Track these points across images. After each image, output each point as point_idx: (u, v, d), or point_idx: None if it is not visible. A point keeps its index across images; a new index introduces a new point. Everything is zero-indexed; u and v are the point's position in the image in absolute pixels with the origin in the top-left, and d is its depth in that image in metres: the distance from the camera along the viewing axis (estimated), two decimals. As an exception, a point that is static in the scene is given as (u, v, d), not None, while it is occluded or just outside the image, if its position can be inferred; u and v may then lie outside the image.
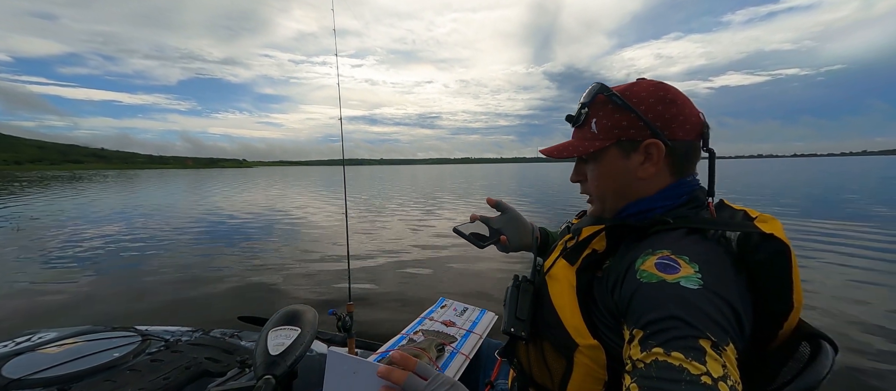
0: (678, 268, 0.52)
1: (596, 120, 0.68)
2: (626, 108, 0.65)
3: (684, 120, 0.64)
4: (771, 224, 0.56)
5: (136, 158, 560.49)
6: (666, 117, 0.64)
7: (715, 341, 0.45)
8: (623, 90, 0.67)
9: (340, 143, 2.38)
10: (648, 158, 0.65)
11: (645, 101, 0.64)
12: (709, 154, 0.67)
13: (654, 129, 0.63)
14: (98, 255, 5.76)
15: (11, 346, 1.23)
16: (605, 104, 0.67)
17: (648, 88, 0.65)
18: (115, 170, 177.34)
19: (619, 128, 0.65)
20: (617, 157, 0.67)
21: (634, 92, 0.66)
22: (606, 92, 0.67)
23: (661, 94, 0.65)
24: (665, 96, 0.64)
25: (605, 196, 0.71)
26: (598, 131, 0.68)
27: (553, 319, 0.66)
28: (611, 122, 0.66)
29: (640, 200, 0.67)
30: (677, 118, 0.64)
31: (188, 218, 9.88)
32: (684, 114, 0.64)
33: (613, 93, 0.66)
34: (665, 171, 0.66)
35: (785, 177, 26.07)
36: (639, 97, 0.65)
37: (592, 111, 0.69)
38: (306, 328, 0.87)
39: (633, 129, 0.64)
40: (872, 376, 2.39)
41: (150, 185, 26.91)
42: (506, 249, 0.88)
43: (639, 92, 0.65)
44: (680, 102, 0.65)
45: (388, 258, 5.53)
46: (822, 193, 13.59)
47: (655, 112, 0.64)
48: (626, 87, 0.67)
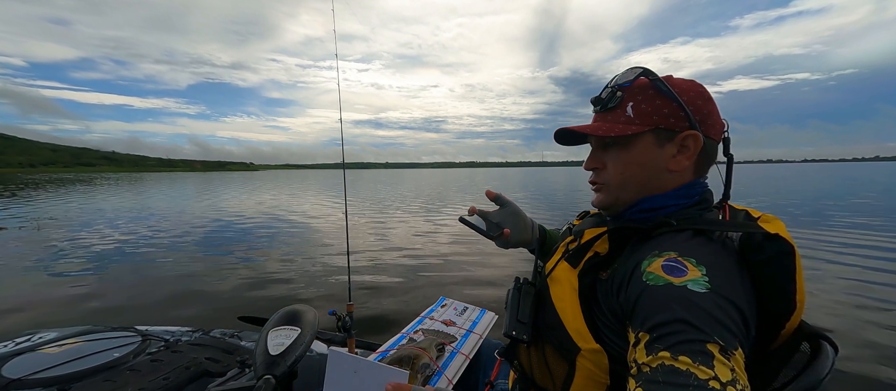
0: (685, 271, 0.51)
1: (633, 103, 0.65)
2: (669, 95, 0.63)
3: (715, 120, 0.65)
4: (774, 224, 0.56)
5: (147, 161, 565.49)
6: (704, 112, 0.64)
7: (723, 345, 0.44)
8: (665, 79, 0.65)
9: (341, 146, 2.38)
10: (683, 151, 0.64)
11: (686, 92, 0.64)
12: (728, 159, 0.67)
13: (693, 121, 0.62)
14: (101, 255, 5.77)
15: (11, 346, 1.23)
16: (647, 89, 0.65)
17: (686, 82, 0.65)
18: (127, 173, 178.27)
19: (659, 114, 0.63)
20: (651, 145, 0.65)
21: (674, 82, 0.64)
22: (651, 75, 0.65)
23: (700, 89, 0.64)
24: (704, 93, 0.64)
25: (626, 185, 0.68)
26: (635, 115, 0.64)
27: (555, 322, 0.66)
28: (651, 108, 0.64)
29: (656, 196, 0.66)
30: (712, 116, 0.64)
31: (190, 218, 9.89)
32: (716, 114, 0.65)
33: (658, 77, 0.64)
34: (692, 167, 0.65)
35: (803, 182, 25.29)
36: (680, 88, 0.64)
37: (629, 94, 0.66)
38: (306, 328, 0.87)
39: (673, 117, 0.63)
40: (875, 377, 2.38)
41: (158, 188, 26.96)
42: (506, 244, 0.87)
43: (678, 83, 0.64)
44: (713, 102, 0.65)
45: (389, 258, 5.53)
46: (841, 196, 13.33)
47: (696, 105, 0.63)
48: (665, 76, 0.66)
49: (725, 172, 0.67)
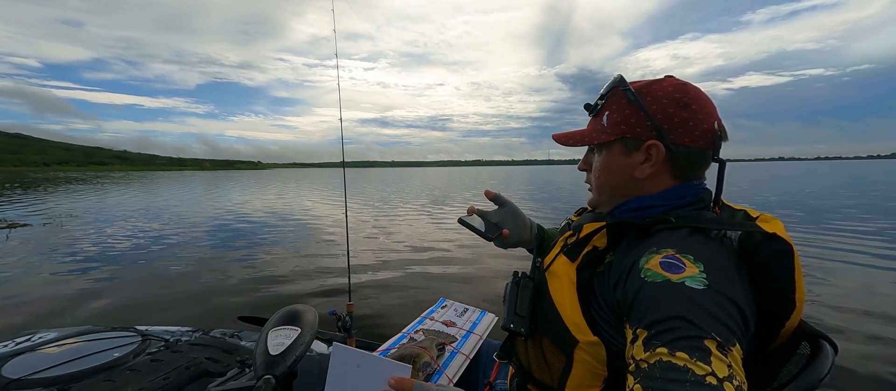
0: (683, 268, 0.52)
1: (608, 112, 0.68)
2: (637, 105, 0.65)
3: (694, 126, 0.63)
4: (773, 224, 0.56)
5: (157, 160, 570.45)
6: (675, 121, 0.63)
7: (720, 341, 0.45)
8: (642, 87, 0.66)
9: (340, 146, 2.39)
10: (647, 159, 0.65)
11: (659, 100, 0.64)
12: (719, 164, 0.66)
13: (660, 130, 0.63)
14: (105, 255, 5.76)
15: (11, 346, 1.23)
16: (620, 98, 0.67)
17: (668, 89, 0.64)
18: (138, 171, 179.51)
19: (626, 124, 0.66)
20: (619, 153, 0.67)
21: (652, 90, 0.65)
22: (623, 86, 0.67)
23: (678, 97, 0.63)
24: (681, 100, 0.63)
25: (603, 189, 0.72)
26: (607, 124, 0.68)
27: (553, 315, 0.66)
28: (620, 117, 0.66)
29: (643, 197, 0.67)
30: (687, 123, 0.63)
31: (193, 218, 9.87)
32: (696, 120, 0.63)
33: (629, 88, 0.66)
34: (666, 174, 0.66)
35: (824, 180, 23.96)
36: (654, 96, 0.64)
37: (607, 103, 0.69)
38: (306, 328, 0.87)
39: (639, 127, 0.64)
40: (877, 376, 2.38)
41: (168, 187, 27.00)
42: (505, 245, 0.87)
43: (656, 90, 0.65)
44: (695, 108, 0.63)
45: (389, 258, 5.53)
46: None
47: (665, 113, 0.63)
48: (646, 83, 0.67)
49: (717, 177, 0.67)
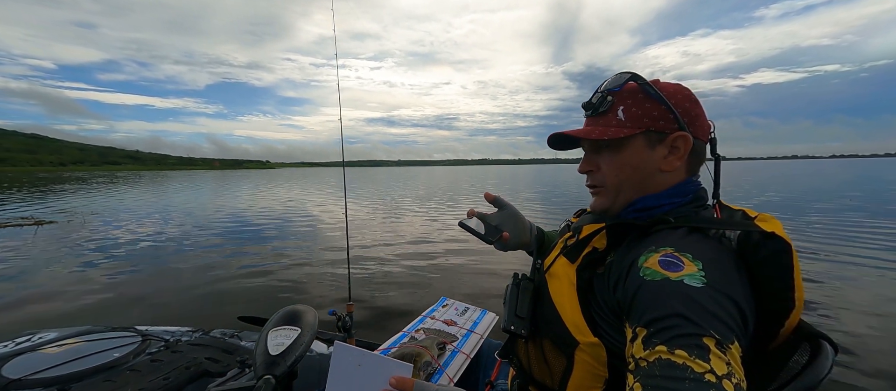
0: (682, 266, 0.52)
1: (624, 107, 0.67)
2: (658, 98, 0.65)
3: (702, 121, 0.67)
4: (771, 223, 0.56)
5: (168, 160, 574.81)
6: (692, 115, 0.66)
7: (719, 339, 0.45)
8: (653, 83, 0.67)
9: (341, 146, 2.39)
10: (674, 151, 0.65)
11: (674, 95, 0.66)
12: (715, 160, 0.69)
13: (682, 123, 0.64)
14: (111, 255, 5.77)
15: (11, 346, 1.23)
16: (636, 93, 0.67)
17: (673, 86, 0.67)
18: (150, 171, 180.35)
19: (649, 117, 0.65)
20: (642, 147, 0.67)
21: (661, 86, 0.66)
22: (639, 80, 0.67)
23: (687, 93, 0.67)
24: (690, 95, 0.67)
25: (621, 187, 0.69)
26: (626, 119, 0.66)
27: (553, 317, 0.66)
28: (641, 111, 0.66)
29: (649, 196, 0.68)
30: (700, 118, 0.66)
31: (195, 219, 9.86)
32: (702, 116, 0.67)
33: (647, 82, 0.66)
34: (684, 167, 0.67)
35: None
36: (667, 91, 0.66)
37: (619, 99, 0.68)
38: (306, 328, 0.87)
39: (662, 120, 0.65)
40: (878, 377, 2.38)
41: (178, 186, 27.12)
42: (505, 247, 0.87)
43: (665, 86, 0.67)
44: (700, 104, 0.67)
45: (390, 258, 5.53)
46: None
47: (684, 108, 0.65)
48: (652, 81, 0.68)
49: (714, 172, 0.69)
